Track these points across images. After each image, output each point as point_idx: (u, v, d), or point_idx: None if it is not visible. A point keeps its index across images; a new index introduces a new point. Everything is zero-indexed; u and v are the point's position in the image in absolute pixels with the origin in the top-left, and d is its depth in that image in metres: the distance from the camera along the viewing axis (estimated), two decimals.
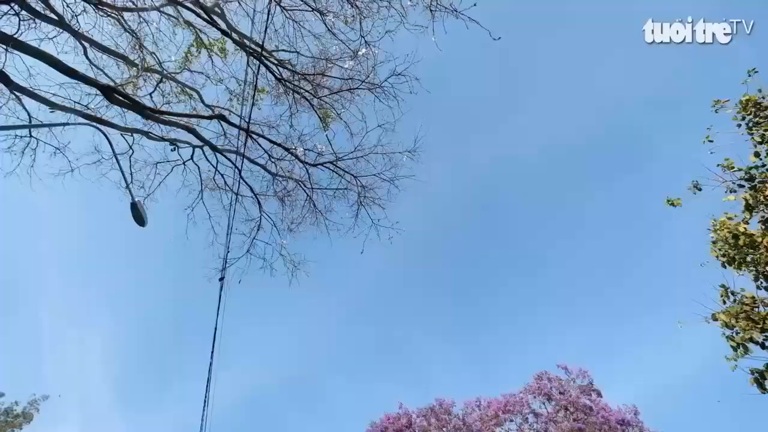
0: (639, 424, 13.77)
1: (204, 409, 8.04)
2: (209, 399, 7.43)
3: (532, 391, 16.77)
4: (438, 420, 17.50)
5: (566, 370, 16.78)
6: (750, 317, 5.33)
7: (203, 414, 7.83)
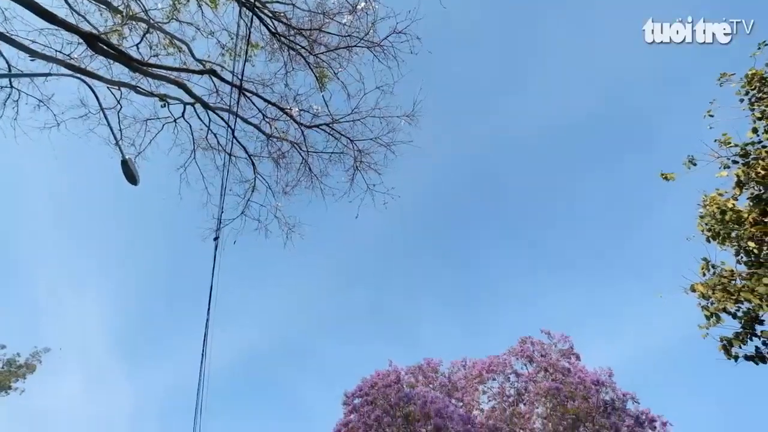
0: (612, 384, 14.69)
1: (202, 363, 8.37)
2: (206, 354, 7.72)
3: (515, 353, 17.64)
4: (425, 377, 18.48)
5: (549, 335, 17.60)
6: (726, 289, 5.55)
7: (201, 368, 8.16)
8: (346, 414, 15.23)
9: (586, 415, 13.49)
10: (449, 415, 13.72)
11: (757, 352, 5.61)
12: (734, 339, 5.76)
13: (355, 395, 15.52)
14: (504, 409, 16.12)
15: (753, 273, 5.57)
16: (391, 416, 14.30)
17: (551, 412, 14.66)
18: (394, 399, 14.53)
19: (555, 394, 14.36)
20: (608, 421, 13.32)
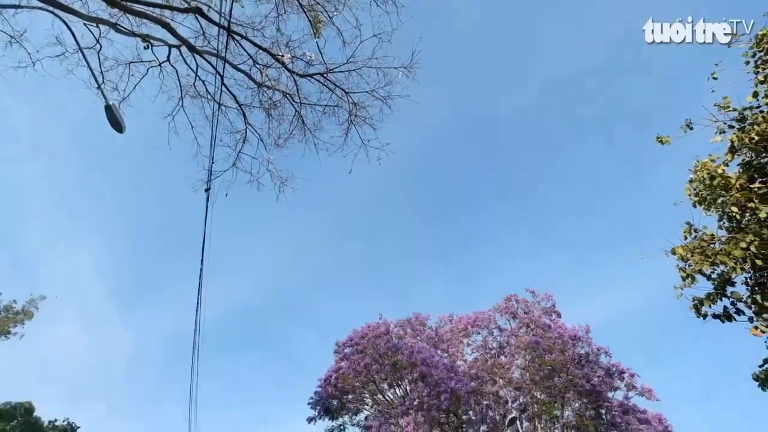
0: (588, 339, 15.63)
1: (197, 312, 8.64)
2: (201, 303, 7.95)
3: (500, 310, 18.46)
4: (413, 330, 19.40)
5: (533, 293, 18.34)
6: (704, 252, 5.74)
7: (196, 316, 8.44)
8: (337, 361, 16.13)
9: (561, 366, 14.44)
10: (434, 364, 14.60)
11: (725, 311, 5.93)
12: (705, 299, 6.05)
13: (346, 345, 16.34)
14: (486, 360, 17.16)
15: (732, 237, 5.74)
16: (379, 364, 15.19)
17: (529, 364, 15.66)
18: (383, 349, 15.34)
19: (534, 348, 15.25)
20: (581, 372, 14.32)
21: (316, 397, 16.20)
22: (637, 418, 14.29)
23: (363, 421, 16.98)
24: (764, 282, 5.62)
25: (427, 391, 13.75)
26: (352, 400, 16.73)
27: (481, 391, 15.56)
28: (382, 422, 14.57)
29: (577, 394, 14.45)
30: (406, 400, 14.51)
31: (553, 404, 14.65)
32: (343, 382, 15.19)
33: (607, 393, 14.88)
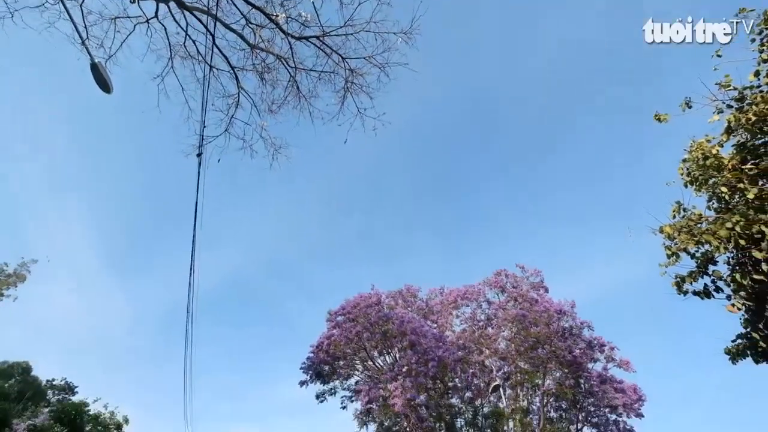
0: (573, 314, 16.16)
1: (191, 277, 8.72)
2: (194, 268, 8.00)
3: (489, 284, 18.88)
4: (404, 301, 19.85)
5: (523, 269, 18.73)
6: (691, 231, 5.85)
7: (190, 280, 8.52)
8: (329, 329, 16.57)
9: (545, 338, 14.98)
10: (423, 333, 15.07)
11: (705, 288, 6.12)
12: (687, 276, 6.22)
13: (338, 313, 16.73)
14: (473, 331, 17.74)
15: (719, 218, 5.83)
16: (370, 332, 15.64)
17: (515, 335, 16.22)
18: (374, 318, 15.74)
19: (520, 320, 15.75)
20: (564, 344, 14.89)
21: (308, 363, 16.75)
22: (614, 387, 15.04)
23: (353, 386, 17.69)
24: (745, 262, 5.76)
25: (415, 358, 14.27)
26: (343, 366, 17.34)
27: (468, 360, 16.18)
28: (371, 386, 15.18)
29: (558, 365, 15.09)
30: (395, 367, 15.07)
31: (535, 373, 15.32)
32: (335, 348, 15.68)
33: (587, 364, 15.57)
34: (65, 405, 19.70)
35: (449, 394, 15.99)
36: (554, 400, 16.04)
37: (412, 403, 13.53)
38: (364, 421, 16.28)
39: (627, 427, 15.57)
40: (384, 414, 14.70)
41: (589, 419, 15.99)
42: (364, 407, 15.65)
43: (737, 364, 6.56)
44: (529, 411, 16.12)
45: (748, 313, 6.14)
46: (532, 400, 16.58)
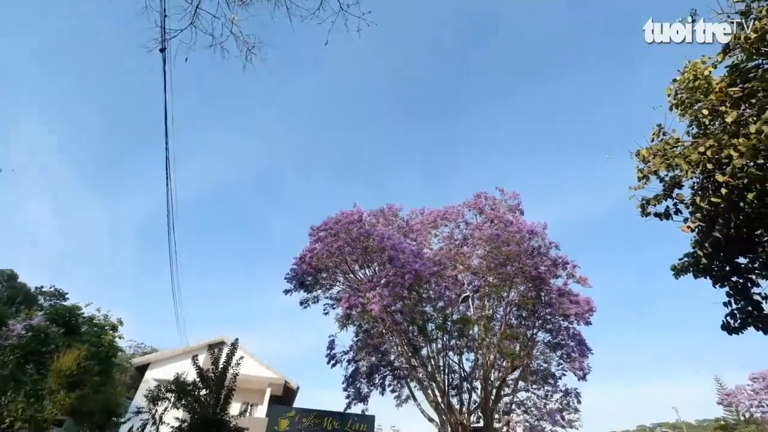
0: (544, 235, 17.18)
1: (167, 184, 8.53)
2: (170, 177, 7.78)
3: (469, 205, 19.48)
4: (386, 220, 20.45)
5: (502, 192, 19.23)
6: (665, 155, 5.99)
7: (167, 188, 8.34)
8: (312, 243, 17.17)
9: (515, 256, 16.07)
10: (402, 249, 15.86)
11: (666, 210, 6.51)
12: (652, 199, 6.55)
13: (321, 229, 17.20)
14: (450, 249, 18.78)
15: (694, 142, 5.94)
16: (351, 247, 16.33)
17: (488, 254, 17.31)
18: (356, 234, 16.32)
19: (494, 240, 16.67)
20: (531, 261, 16.08)
21: (291, 273, 17.67)
22: (570, 299, 16.75)
23: (335, 295, 19.03)
24: (707, 186, 6.06)
25: (393, 271, 15.24)
26: (325, 278, 18.42)
27: (442, 275, 17.41)
28: (351, 294, 16.39)
29: (524, 280, 16.47)
30: (374, 278, 16.15)
31: (502, 287, 16.74)
32: (317, 261, 16.45)
33: (550, 279, 17.05)
34: (58, 308, 20.62)
35: (423, 303, 17.48)
36: (516, 310, 17.85)
37: (389, 309, 14.82)
38: (344, 324, 17.94)
39: (575, 332, 17.74)
40: (362, 318, 16.14)
41: (545, 326, 18.06)
42: (345, 312, 17.07)
43: (679, 279, 7.31)
44: (493, 318, 17.99)
45: (698, 234, 6.66)
46: (496, 309, 18.40)
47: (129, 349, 33.18)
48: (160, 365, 22.85)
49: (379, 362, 18.28)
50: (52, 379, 14.50)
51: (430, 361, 17.15)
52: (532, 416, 17.95)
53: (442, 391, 16.45)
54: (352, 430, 18.02)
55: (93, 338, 19.43)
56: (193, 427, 13.78)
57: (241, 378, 18.21)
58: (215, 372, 15.43)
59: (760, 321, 6.00)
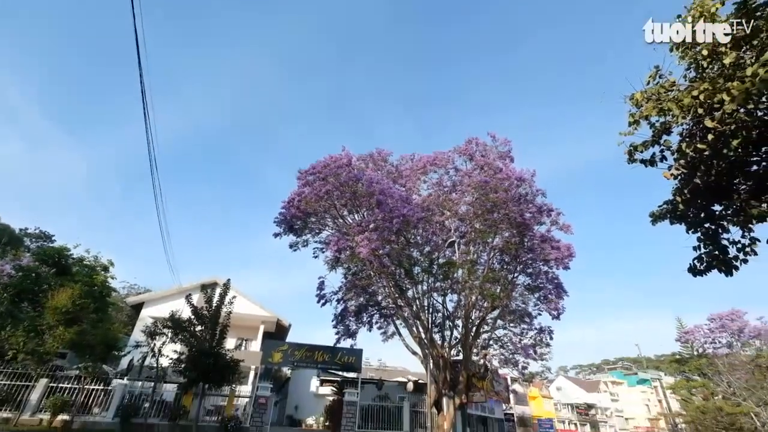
0: (532, 182, 17.31)
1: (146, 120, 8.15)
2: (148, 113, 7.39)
3: (459, 151, 19.24)
4: (375, 165, 20.20)
5: (494, 138, 18.93)
6: (658, 99, 5.87)
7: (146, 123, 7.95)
8: (300, 187, 17.02)
9: (502, 203, 16.30)
10: (391, 194, 15.88)
11: (652, 157, 6.53)
12: (640, 145, 6.54)
13: (309, 172, 16.96)
14: (438, 196, 18.88)
15: (689, 86, 5.80)
16: (340, 191, 16.27)
17: (476, 200, 17.50)
18: (344, 178, 16.16)
19: (482, 187, 16.76)
20: (517, 208, 16.36)
21: (280, 217, 17.72)
22: (551, 245, 17.39)
23: (324, 239, 19.34)
24: (695, 132, 6.04)
25: (381, 215, 15.39)
26: (314, 222, 18.57)
27: (430, 220, 17.69)
28: (340, 238, 16.68)
29: (509, 226, 16.88)
30: (363, 223, 16.34)
31: (487, 233, 17.17)
32: (306, 205, 16.44)
33: (534, 226, 17.53)
34: (46, 249, 20.60)
35: (410, 247, 17.96)
36: (499, 254, 18.53)
37: (377, 252, 15.22)
38: (333, 266, 18.49)
39: (554, 276, 18.66)
40: (351, 261, 16.60)
41: (525, 270, 18.91)
42: (334, 255, 17.50)
43: (656, 226, 7.58)
44: (477, 262, 18.69)
45: (680, 182, 6.77)
46: (480, 254, 19.05)
47: (123, 290, 33.99)
48: (155, 304, 23.64)
49: (367, 302, 19.19)
50: (49, 315, 14.94)
51: (416, 302, 18.07)
52: (507, 350, 19.50)
53: (426, 329, 17.57)
54: (341, 361, 19.38)
55: (85, 278, 19.72)
56: (191, 358, 14.67)
57: (235, 316, 19.09)
58: (209, 310, 16.08)
59: (723, 264, 6.36)
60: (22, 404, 13.43)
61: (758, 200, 6.09)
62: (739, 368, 31.20)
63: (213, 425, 15.60)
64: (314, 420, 30.23)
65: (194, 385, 14.82)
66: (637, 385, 73.99)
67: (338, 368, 20.85)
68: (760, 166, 6.12)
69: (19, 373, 14.03)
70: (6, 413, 13.24)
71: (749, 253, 6.33)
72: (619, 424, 68.96)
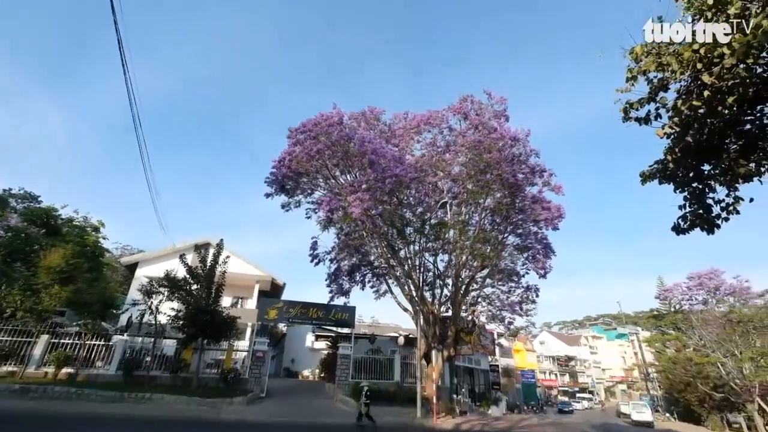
0: (526, 142, 17.15)
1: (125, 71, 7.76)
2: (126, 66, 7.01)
3: (454, 110, 18.79)
4: (367, 124, 19.72)
5: (489, 96, 18.43)
6: (658, 53, 5.69)
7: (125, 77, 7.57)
8: (291, 145, 16.65)
9: (495, 163, 16.22)
10: (383, 154, 15.66)
11: (647, 115, 6.45)
12: (636, 102, 6.43)
13: (300, 131, 16.53)
14: (432, 156, 18.69)
15: (692, 41, 5.61)
16: (332, 150, 15.98)
17: (469, 161, 17.37)
18: (336, 137, 15.82)
19: (476, 146, 16.58)
20: (510, 168, 16.32)
21: (272, 177, 17.49)
22: (542, 206, 17.58)
23: (316, 200, 19.28)
24: (692, 90, 5.93)
25: (374, 176, 15.27)
26: (306, 182, 18.40)
27: (422, 181, 17.65)
28: (332, 198, 16.64)
29: (501, 186, 16.92)
30: (355, 183, 16.24)
31: (479, 193, 17.24)
32: (297, 165, 16.19)
33: (526, 187, 17.61)
34: (33, 210, 20.24)
35: (402, 208, 18.04)
36: (491, 215, 18.74)
37: (369, 213, 15.27)
38: (326, 226, 18.61)
39: (543, 236, 19.05)
40: (343, 221, 16.69)
41: (515, 230, 19.25)
42: (326, 215, 17.55)
43: (645, 186, 7.65)
44: (469, 223, 18.93)
45: (672, 141, 6.75)
46: (472, 215, 19.25)
47: (116, 251, 34.02)
48: (149, 264, 23.83)
49: (359, 262, 19.57)
50: (43, 274, 15.00)
51: (407, 262, 18.46)
52: (494, 307, 20.31)
53: (417, 287, 18.11)
54: (335, 318, 20.08)
55: (76, 239, 19.63)
56: (189, 315, 15.08)
57: (231, 275, 19.40)
58: (203, 269, 16.28)
59: (706, 222, 6.53)
60: (26, 359, 13.85)
61: (747, 159, 6.14)
62: (711, 323, 33.09)
63: (213, 377, 16.36)
64: (310, 372, 31.88)
65: (193, 341, 15.35)
66: (616, 340, 78.60)
67: (332, 324, 21.64)
68: (754, 125, 6.11)
69: (20, 330, 14.33)
70: (11, 367, 13.68)
71: (732, 212, 6.48)
72: (596, 374, 74.04)
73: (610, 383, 74.13)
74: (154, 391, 13.00)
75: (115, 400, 12.06)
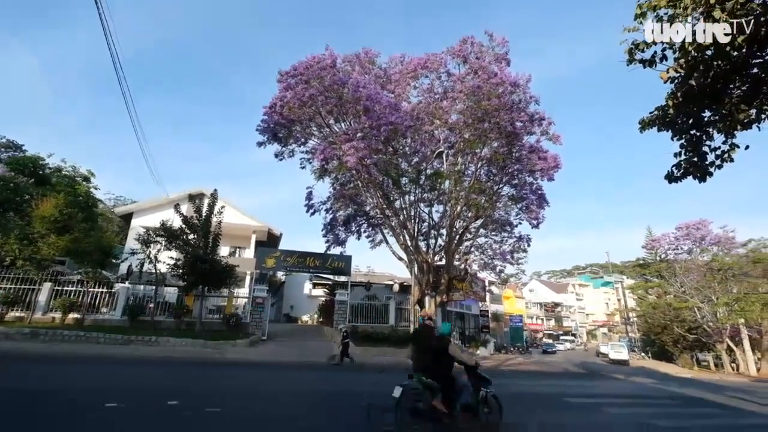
0: (526, 88, 16.50)
1: None
2: None
3: (453, 53, 17.81)
4: (362, 68, 18.76)
5: (491, 37, 17.39)
6: None
7: None
8: (281, 90, 15.90)
9: (494, 111, 15.73)
10: (378, 100, 15.08)
11: (652, 56, 6.15)
12: (642, 43, 6.10)
13: (290, 74, 15.72)
14: (429, 104, 18.04)
15: None
16: (325, 96, 15.33)
17: (467, 108, 16.83)
18: (329, 82, 15.10)
19: (475, 93, 15.96)
20: (509, 116, 15.86)
21: (263, 125, 16.94)
22: (539, 156, 17.39)
23: (310, 149, 18.88)
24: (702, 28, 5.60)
25: (369, 123, 14.83)
26: (299, 131, 17.89)
27: (419, 129, 17.21)
28: (326, 146, 16.28)
29: (498, 135, 16.58)
30: (349, 131, 15.80)
31: (476, 142, 16.93)
32: (289, 111, 15.60)
33: (524, 136, 17.27)
34: (19, 159, 19.75)
35: (398, 157, 17.78)
36: (487, 165, 18.58)
37: (364, 161, 15.05)
38: (321, 176, 18.43)
39: (538, 187, 19.08)
40: (338, 170, 16.50)
41: (511, 181, 19.20)
42: (320, 165, 17.29)
43: (643, 134, 7.51)
44: (464, 173, 18.82)
45: (675, 85, 6.52)
46: (468, 165, 19.08)
47: (109, 202, 33.82)
48: (144, 214, 23.85)
49: (355, 212, 19.69)
50: (38, 224, 15.01)
51: (403, 212, 18.60)
52: (487, 256, 20.89)
53: (412, 237, 18.42)
54: (331, 267, 20.62)
55: (67, 188, 19.38)
56: (187, 264, 15.39)
57: (227, 225, 19.53)
58: (199, 219, 16.33)
59: (698, 170, 6.53)
60: (32, 305, 14.31)
61: (749, 105, 5.99)
62: (693, 271, 34.51)
63: (216, 321, 17.12)
64: (309, 317, 33.43)
65: (194, 288, 15.84)
66: (601, 287, 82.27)
67: (329, 273, 22.28)
68: (761, 68, 5.88)
69: (22, 278, 14.64)
70: (18, 312, 14.18)
71: (726, 159, 6.46)
72: (580, 318, 78.49)
73: (593, 327, 78.90)
74: (159, 334, 13.64)
75: (123, 342, 12.69)
